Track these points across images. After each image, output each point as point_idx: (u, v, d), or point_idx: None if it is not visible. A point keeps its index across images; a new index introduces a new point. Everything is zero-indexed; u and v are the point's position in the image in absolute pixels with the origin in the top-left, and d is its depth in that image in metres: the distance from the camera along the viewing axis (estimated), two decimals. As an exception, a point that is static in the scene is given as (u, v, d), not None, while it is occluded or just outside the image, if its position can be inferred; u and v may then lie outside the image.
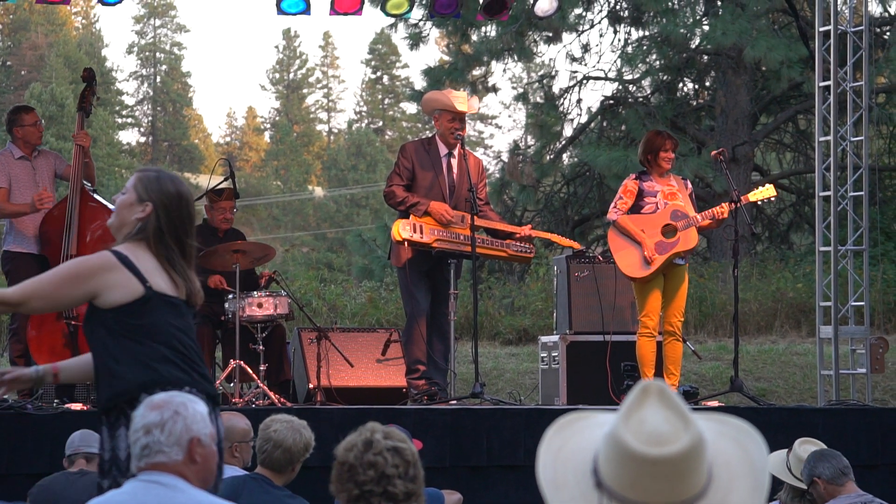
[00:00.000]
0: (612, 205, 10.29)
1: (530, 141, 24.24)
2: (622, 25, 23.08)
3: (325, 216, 56.95)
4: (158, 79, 67.99)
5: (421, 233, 10.04)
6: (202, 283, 10.45)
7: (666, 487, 2.54)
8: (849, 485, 6.76)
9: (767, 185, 10.73)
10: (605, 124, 23.59)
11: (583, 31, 23.10)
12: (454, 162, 10.34)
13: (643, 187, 10.17)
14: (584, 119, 23.72)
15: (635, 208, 10.17)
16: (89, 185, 10.09)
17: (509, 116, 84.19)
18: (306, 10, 11.60)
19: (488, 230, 10.53)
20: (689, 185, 10.43)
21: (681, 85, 24.13)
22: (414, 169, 10.27)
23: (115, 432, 4.96)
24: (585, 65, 23.60)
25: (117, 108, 63.53)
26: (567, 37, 23.02)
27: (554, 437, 2.70)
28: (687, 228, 10.05)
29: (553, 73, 23.93)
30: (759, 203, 10.63)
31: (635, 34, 23.05)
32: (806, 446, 7.02)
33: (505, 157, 24.67)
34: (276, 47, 76.80)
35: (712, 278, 19.63)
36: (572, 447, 2.67)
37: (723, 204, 10.25)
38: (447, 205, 10.17)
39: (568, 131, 23.71)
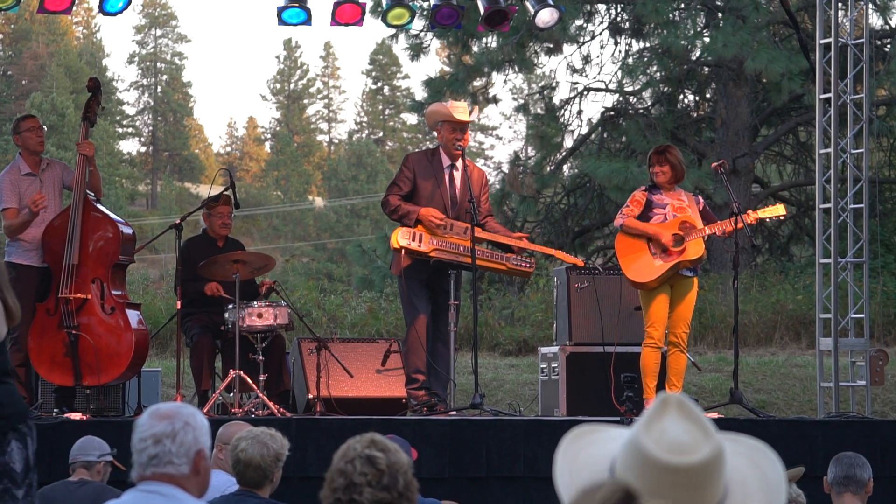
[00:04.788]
0: (619, 212, 10.27)
1: (531, 152, 24.25)
2: (623, 37, 23.09)
3: (325, 226, 56.95)
4: (159, 89, 68.05)
5: (419, 241, 10.02)
6: (199, 290, 10.55)
7: (685, 497, 2.54)
8: (846, 496, 6.66)
9: (778, 204, 10.67)
10: (605, 136, 23.60)
11: (583, 43, 23.12)
12: (457, 174, 10.31)
13: (652, 199, 10.15)
14: (584, 130, 23.75)
15: (644, 219, 10.13)
16: (93, 195, 10.00)
17: (510, 127, 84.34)
18: (307, 21, 11.60)
19: (492, 242, 10.50)
20: (702, 201, 10.38)
21: (681, 97, 24.14)
22: (415, 179, 10.24)
23: (6, 448, 5.58)
24: (586, 76, 23.62)
25: (118, 118, 63.56)
26: (568, 48, 23.07)
27: (569, 446, 2.70)
28: (694, 239, 10.01)
29: (554, 84, 23.94)
30: (768, 220, 10.58)
31: (636, 46, 23.08)
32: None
33: (505, 168, 24.67)
34: (277, 57, 76.92)
35: (712, 290, 19.63)
36: (587, 456, 2.68)
37: (730, 220, 10.14)
38: (438, 211, 10.12)
39: (568, 142, 23.75)
